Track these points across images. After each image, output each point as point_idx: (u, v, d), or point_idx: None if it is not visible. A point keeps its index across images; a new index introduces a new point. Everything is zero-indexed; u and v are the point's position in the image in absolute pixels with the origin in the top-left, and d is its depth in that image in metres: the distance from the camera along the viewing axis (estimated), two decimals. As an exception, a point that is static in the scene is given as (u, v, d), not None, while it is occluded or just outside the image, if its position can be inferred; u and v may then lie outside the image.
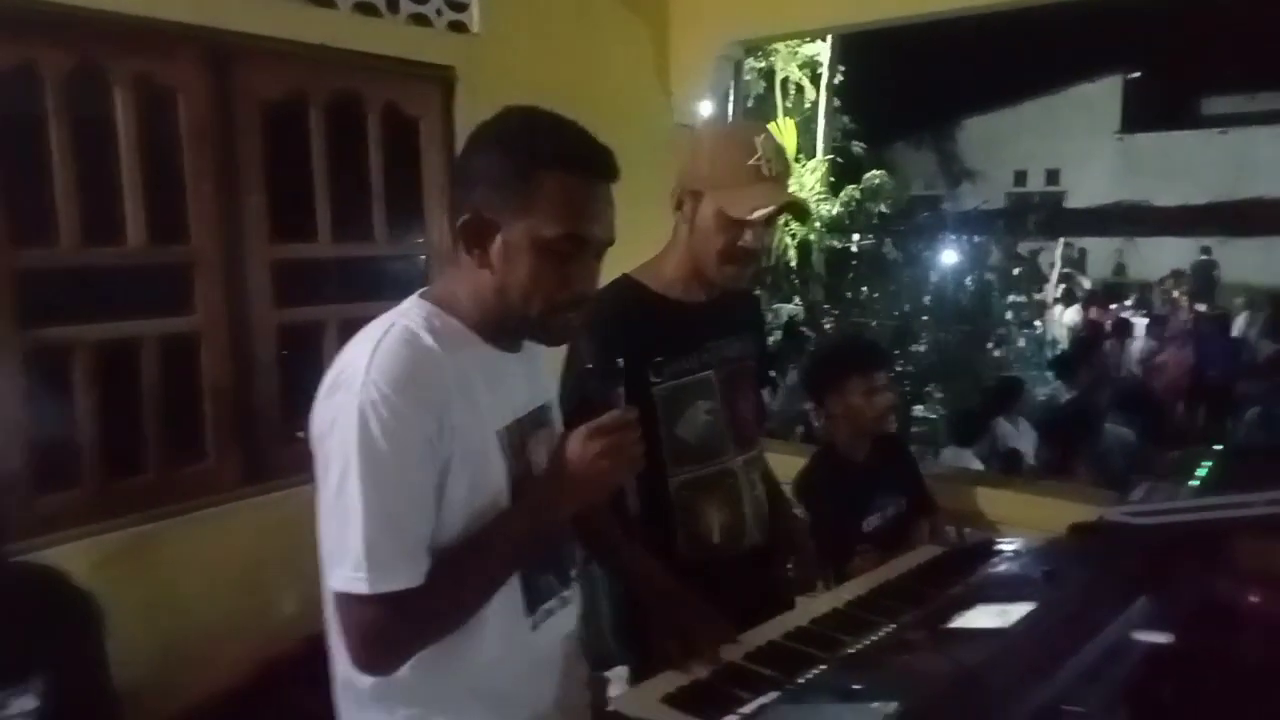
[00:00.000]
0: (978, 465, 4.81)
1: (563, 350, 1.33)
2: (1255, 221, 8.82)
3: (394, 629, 1.15)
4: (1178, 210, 8.65)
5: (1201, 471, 2.33)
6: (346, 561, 1.12)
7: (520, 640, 1.30)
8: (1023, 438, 5.23)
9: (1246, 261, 14.11)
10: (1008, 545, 1.92)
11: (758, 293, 2.76)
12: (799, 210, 1.88)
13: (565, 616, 1.39)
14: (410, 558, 1.15)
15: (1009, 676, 1.22)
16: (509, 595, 1.28)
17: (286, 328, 2.39)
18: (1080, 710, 1.16)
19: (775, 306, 8.63)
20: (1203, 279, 13.54)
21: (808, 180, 10.05)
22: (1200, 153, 22.31)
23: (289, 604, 2.13)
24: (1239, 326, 10.15)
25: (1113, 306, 12.11)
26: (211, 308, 2.27)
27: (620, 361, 1.29)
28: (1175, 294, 13.29)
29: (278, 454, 2.33)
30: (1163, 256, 14.66)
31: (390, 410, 1.12)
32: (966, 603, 1.51)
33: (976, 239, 7.62)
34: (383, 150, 2.60)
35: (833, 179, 10.52)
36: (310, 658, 1.32)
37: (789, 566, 2.06)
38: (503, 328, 1.28)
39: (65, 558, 1.84)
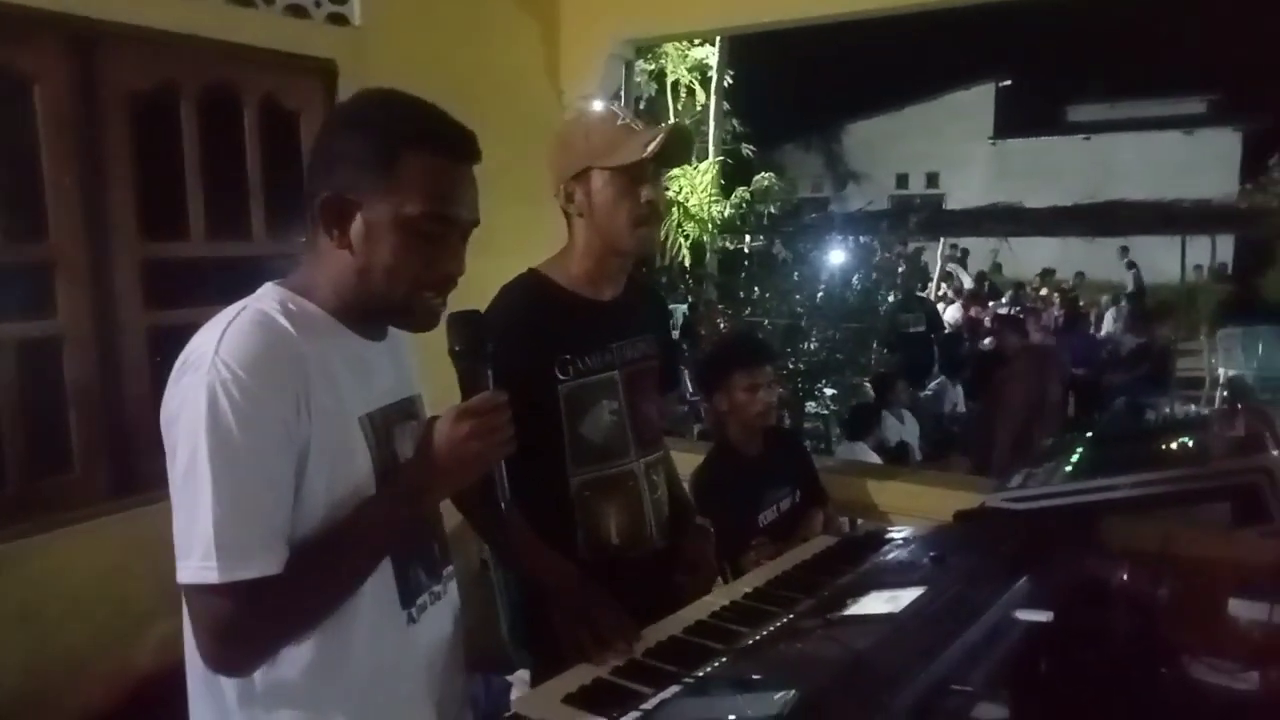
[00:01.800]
0: (874, 458, 4.96)
1: (429, 340, 1.28)
2: (1117, 222, 9.40)
3: (248, 622, 1.08)
4: (1048, 211, 9.16)
5: (1074, 458, 2.46)
6: (195, 551, 1.05)
7: (397, 636, 1.25)
8: (907, 430, 5.41)
9: (1112, 261, 15.02)
10: (897, 533, 1.97)
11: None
12: (684, 141, 1.84)
13: (441, 614, 1.35)
14: (264, 545, 1.08)
15: (899, 659, 1.25)
16: (382, 587, 1.23)
17: (158, 330, 2.25)
18: (968, 689, 1.20)
19: (670, 307, 8.70)
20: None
21: (699, 181, 10.16)
22: (1067, 157, 23.62)
23: (162, 622, 2.01)
24: (1106, 323, 10.74)
25: (990, 304, 12.68)
26: (75, 309, 2.14)
27: (491, 346, 1.26)
28: (1044, 291, 14.06)
29: (149, 464, 2.19)
30: (1035, 255, 15.46)
31: (241, 390, 1.07)
32: (858, 590, 1.55)
33: (863, 239, 7.86)
34: (260, 144, 2.50)
35: (723, 181, 10.66)
36: (184, 677, 1.24)
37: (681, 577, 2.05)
38: (365, 312, 1.24)
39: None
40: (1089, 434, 2.79)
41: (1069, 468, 2.32)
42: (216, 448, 1.05)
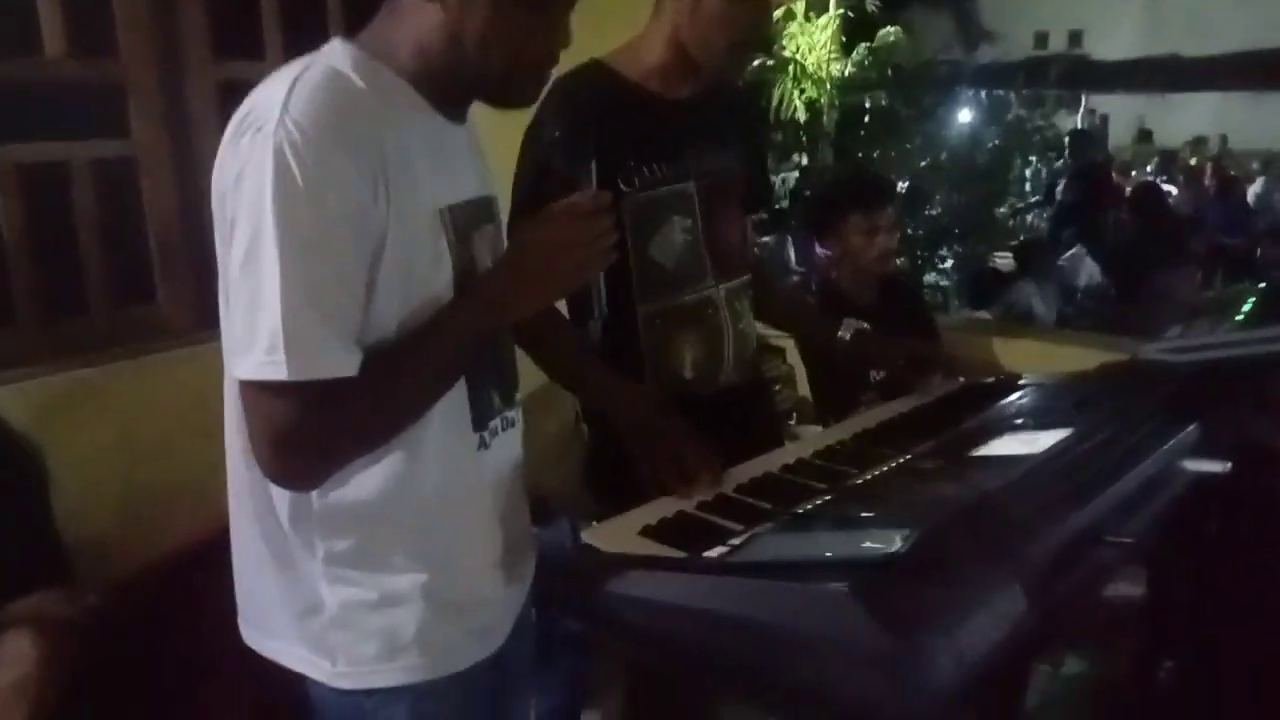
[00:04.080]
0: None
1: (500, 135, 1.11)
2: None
3: (318, 428, 0.95)
4: (1208, 61, 8.14)
5: (1245, 307, 2.14)
6: (259, 342, 0.91)
7: (468, 461, 1.11)
8: (1044, 301, 5.01)
9: (1265, 127, 13.54)
10: (1032, 379, 1.73)
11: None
12: None
13: (512, 440, 1.20)
14: (341, 340, 0.94)
15: (1037, 504, 1.05)
16: (455, 407, 1.08)
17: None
18: (1125, 541, 0.99)
19: (782, 175, 8.28)
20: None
21: (819, 37, 9.50)
22: (1229, 10, 21.24)
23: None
24: (1253, 191, 9.79)
25: (1133, 173, 11.73)
26: (148, 132, 2.03)
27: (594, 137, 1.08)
28: (1194, 161, 12.91)
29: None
30: (1186, 122, 14.12)
31: (315, 155, 0.90)
32: (989, 433, 1.33)
33: (998, 94, 7.23)
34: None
35: (844, 37, 9.94)
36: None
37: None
38: (451, 84, 1.05)
39: (-1, 401, 1.67)
40: (1261, 284, 2.43)
41: (1240, 317, 2.01)
42: (286, 221, 0.90)
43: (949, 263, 6.76)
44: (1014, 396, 1.58)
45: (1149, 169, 12.44)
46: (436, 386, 1.04)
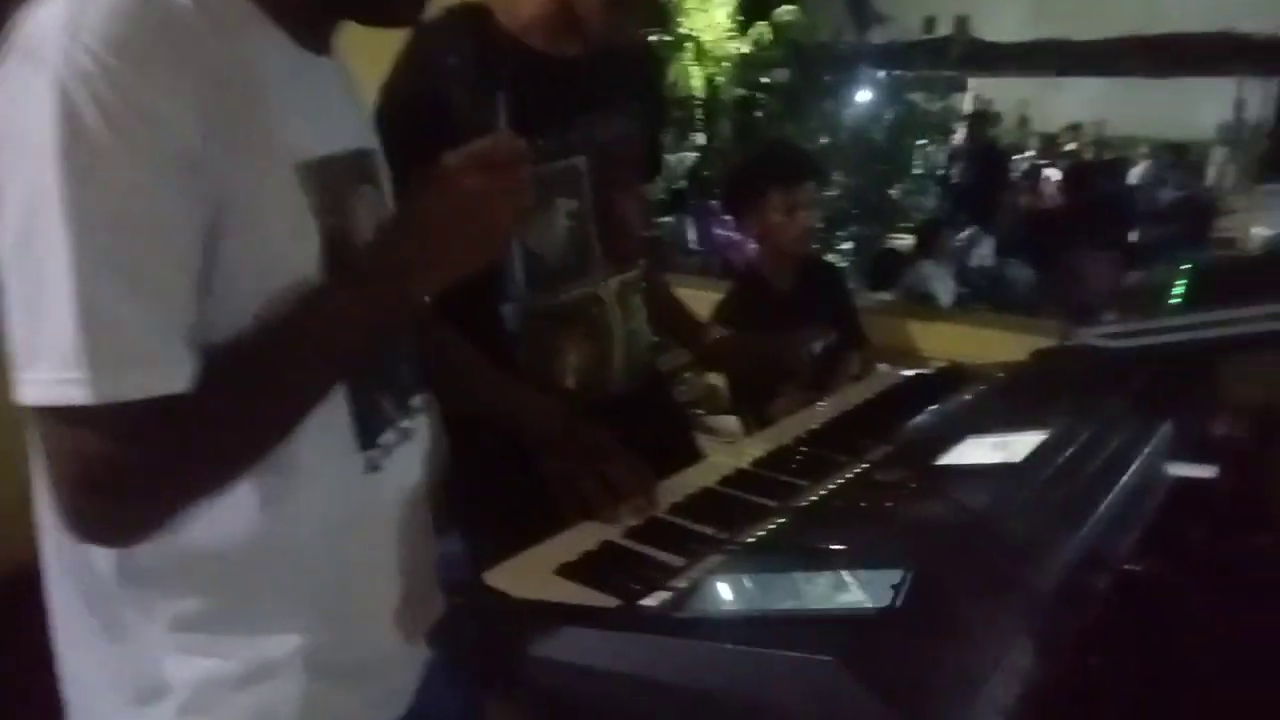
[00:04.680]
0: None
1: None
2: (1182, 57, 8.64)
3: (139, 464, 0.70)
4: (1103, 44, 8.36)
5: (1176, 290, 2.06)
6: (45, 358, 0.67)
7: (353, 488, 0.88)
8: (939, 281, 5.01)
9: (1149, 112, 14.13)
10: (979, 370, 1.59)
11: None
12: None
13: (408, 457, 0.96)
14: (164, 344, 0.70)
15: (1033, 524, 0.89)
16: (334, 422, 0.85)
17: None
18: (1145, 569, 0.84)
19: (680, 155, 8.14)
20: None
21: (717, 15, 9.42)
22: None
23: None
24: (1136, 175, 10.18)
25: (1015, 157, 12.06)
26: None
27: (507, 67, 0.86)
28: (1071, 145, 13.37)
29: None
30: (1063, 110, 14.61)
31: (117, 89, 0.65)
32: (948, 436, 1.17)
33: (894, 73, 7.23)
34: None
35: (741, 17, 9.89)
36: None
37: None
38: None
39: None
40: (1186, 265, 2.38)
41: (1174, 300, 1.92)
42: (77, 183, 0.65)
43: (847, 244, 6.73)
44: (962, 391, 1.43)
45: (1029, 153, 12.84)
46: (307, 395, 0.79)
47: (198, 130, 0.69)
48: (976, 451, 1.09)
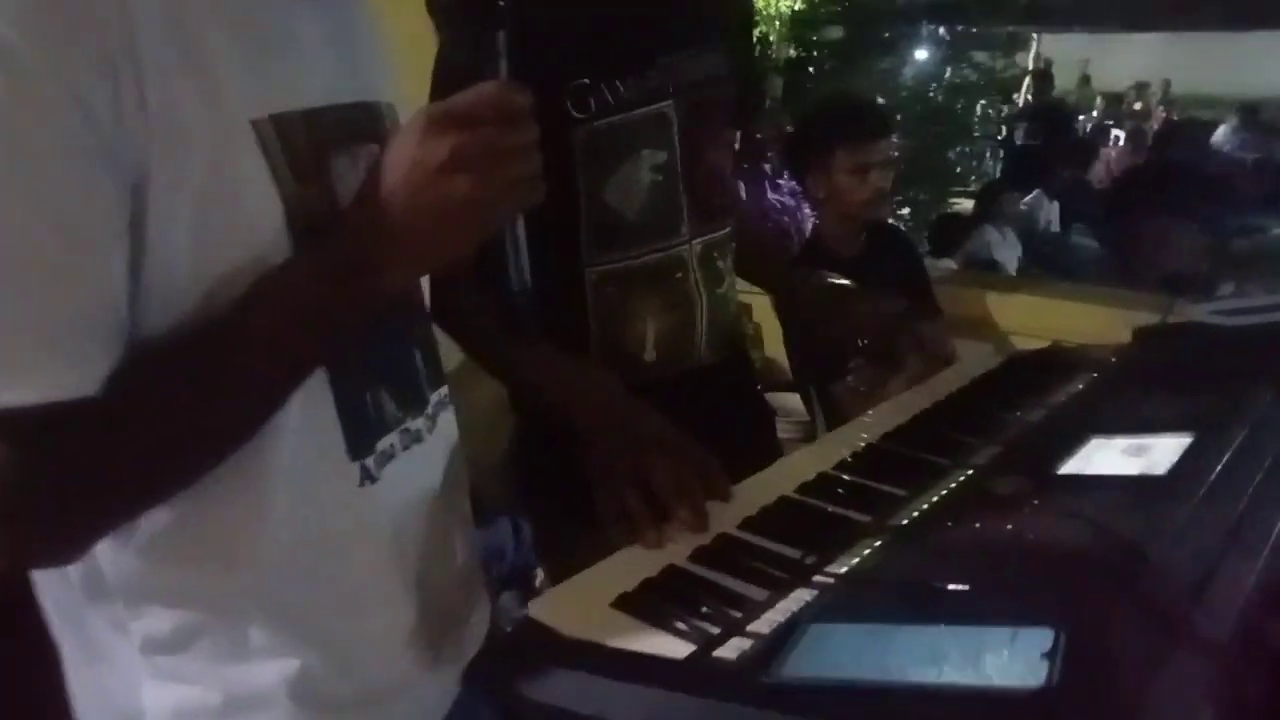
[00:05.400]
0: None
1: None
2: (1245, 9, 8.21)
3: (42, 480, 0.60)
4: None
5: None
6: None
7: (340, 502, 0.75)
8: (1007, 247, 4.75)
9: (1215, 71, 13.51)
10: (1083, 354, 1.40)
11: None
12: None
13: (421, 462, 0.83)
14: (73, 340, 0.59)
15: (1199, 556, 0.72)
16: (316, 425, 0.72)
17: None
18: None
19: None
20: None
21: (768, -28, 9.09)
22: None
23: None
24: (1220, 136, 9.69)
25: (1080, 118, 11.61)
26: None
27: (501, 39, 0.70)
28: (1138, 105, 12.82)
29: None
30: (1128, 68, 14.03)
31: (5, 63, 0.55)
32: (1067, 435, 0.99)
33: (956, 29, 6.92)
34: None
35: (797, -27, 9.55)
36: None
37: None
38: None
39: None
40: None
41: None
42: None
43: (905, 209, 6.48)
44: (1067, 379, 1.25)
45: (1094, 113, 12.34)
46: (251, 399, 0.67)
47: (102, 88, 0.58)
48: (1107, 457, 0.92)
